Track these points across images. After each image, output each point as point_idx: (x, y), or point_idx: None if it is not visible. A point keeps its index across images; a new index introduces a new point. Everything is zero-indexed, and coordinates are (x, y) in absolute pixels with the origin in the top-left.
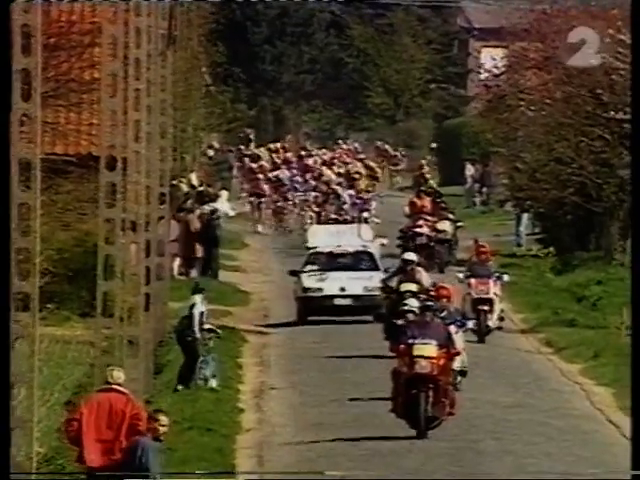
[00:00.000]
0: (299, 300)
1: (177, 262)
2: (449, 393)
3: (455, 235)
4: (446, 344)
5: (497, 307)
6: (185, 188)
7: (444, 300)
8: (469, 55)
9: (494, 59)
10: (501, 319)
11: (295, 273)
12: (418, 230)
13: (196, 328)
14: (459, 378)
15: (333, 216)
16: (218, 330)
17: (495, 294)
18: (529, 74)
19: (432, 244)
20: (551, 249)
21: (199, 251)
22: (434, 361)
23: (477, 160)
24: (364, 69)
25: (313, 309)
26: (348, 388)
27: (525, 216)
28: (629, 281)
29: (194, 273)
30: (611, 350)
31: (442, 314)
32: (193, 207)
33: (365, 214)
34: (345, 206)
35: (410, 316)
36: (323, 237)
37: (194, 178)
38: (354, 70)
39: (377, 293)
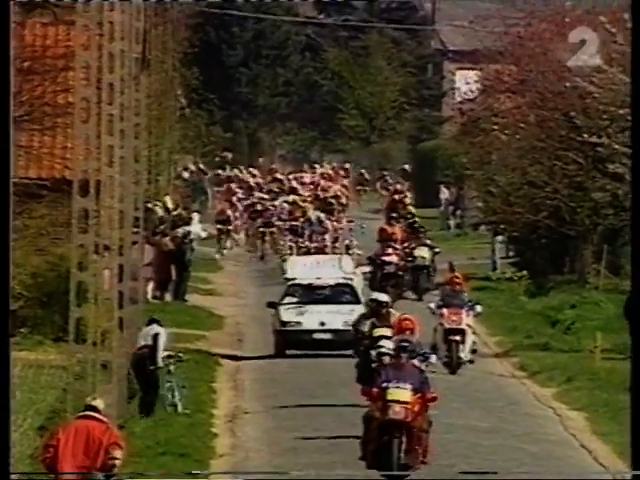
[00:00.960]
0: (277, 333)
1: (151, 286)
2: (423, 441)
3: (433, 261)
4: (421, 388)
5: (469, 338)
6: (160, 212)
7: (407, 332)
8: (443, 78)
9: (468, 82)
10: (473, 351)
11: (273, 305)
12: (386, 259)
13: (159, 357)
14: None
15: (313, 245)
16: (180, 354)
17: (468, 325)
18: (503, 97)
19: (400, 273)
20: (525, 272)
21: (173, 274)
22: (408, 406)
23: (452, 183)
24: (339, 91)
25: (292, 343)
26: (322, 413)
27: (499, 239)
28: (603, 304)
29: (168, 297)
30: (585, 374)
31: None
32: (167, 230)
33: (346, 242)
34: (326, 236)
35: (385, 359)
36: (302, 268)
37: (169, 201)
38: (328, 92)
39: None
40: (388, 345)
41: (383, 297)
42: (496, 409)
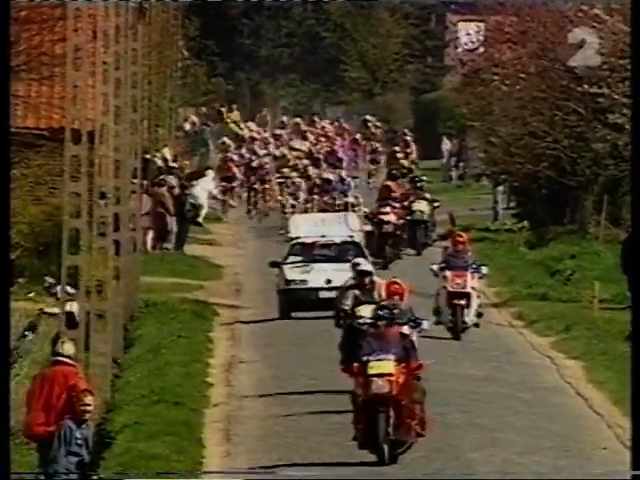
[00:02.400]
0: (281, 293)
1: (150, 235)
2: (415, 412)
3: (432, 216)
4: (406, 357)
5: (474, 302)
6: (159, 162)
7: (396, 297)
8: (447, 28)
9: (469, 33)
10: (479, 315)
11: (277, 264)
12: (384, 218)
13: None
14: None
15: (337, 203)
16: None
17: (473, 288)
18: (504, 48)
19: (399, 232)
20: (525, 223)
21: (171, 224)
22: (392, 378)
23: (454, 134)
24: (341, 43)
25: (297, 303)
26: (319, 363)
27: (500, 189)
28: (603, 255)
29: (169, 246)
30: (583, 323)
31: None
32: (165, 181)
33: (350, 199)
34: (349, 193)
35: (365, 329)
36: (306, 227)
37: (167, 152)
38: (331, 44)
39: None
40: (367, 314)
41: (367, 266)
42: (492, 358)
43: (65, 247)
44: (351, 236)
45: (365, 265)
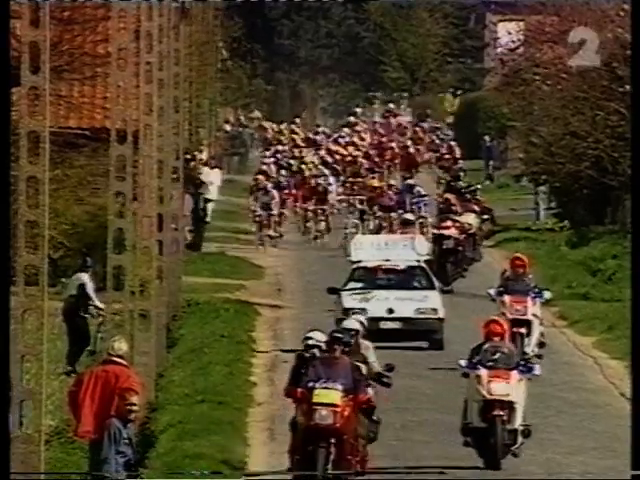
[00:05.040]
0: (339, 323)
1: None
2: (358, 449)
3: (481, 229)
4: (355, 388)
5: (536, 330)
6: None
7: (496, 338)
8: (485, 27)
9: (509, 33)
10: (541, 345)
11: (335, 291)
12: (445, 232)
13: (88, 306)
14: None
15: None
16: (101, 306)
17: (534, 315)
18: (545, 48)
19: (460, 248)
20: (566, 223)
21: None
22: (337, 409)
23: (494, 134)
24: (380, 43)
25: None
26: None
27: (542, 189)
28: None
29: (213, 247)
30: (625, 323)
31: (494, 356)
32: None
33: (410, 216)
34: (426, 207)
35: (315, 352)
36: (369, 249)
37: (204, 154)
38: (371, 44)
39: (430, 316)
40: (318, 337)
41: (354, 324)
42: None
43: (110, 247)
44: (418, 260)
45: (351, 323)
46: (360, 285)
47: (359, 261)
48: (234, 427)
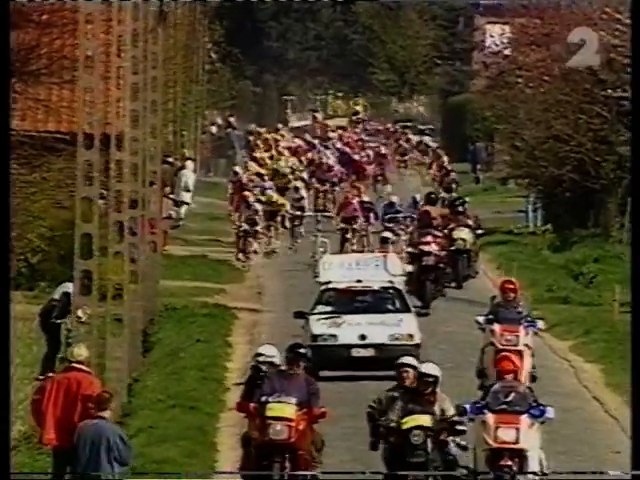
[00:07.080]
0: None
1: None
2: (310, 464)
3: (475, 244)
4: (309, 402)
5: (527, 362)
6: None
7: (508, 376)
8: (475, 30)
9: (492, 36)
10: (532, 379)
11: (302, 315)
12: (425, 248)
13: (66, 313)
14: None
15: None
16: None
17: (526, 345)
18: (528, 51)
19: (441, 265)
20: (549, 226)
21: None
22: (292, 424)
23: (481, 137)
24: (369, 45)
25: (325, 361)
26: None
27: (532, 195)
28: (627, 258)
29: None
30: (602, 327)
31: (508, 398)
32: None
33: (388, 234)
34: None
35: (266, 368)
36: (339, 269)
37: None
38: (359, 46)
39: (406, 342)
40: (269, 352)
41: (433, 369)
42: None
43: (77, 251)
44: (391, 281)
45: (431, 368)
46: (329, 309)
47: (328, 282)
48: (203, 432)
